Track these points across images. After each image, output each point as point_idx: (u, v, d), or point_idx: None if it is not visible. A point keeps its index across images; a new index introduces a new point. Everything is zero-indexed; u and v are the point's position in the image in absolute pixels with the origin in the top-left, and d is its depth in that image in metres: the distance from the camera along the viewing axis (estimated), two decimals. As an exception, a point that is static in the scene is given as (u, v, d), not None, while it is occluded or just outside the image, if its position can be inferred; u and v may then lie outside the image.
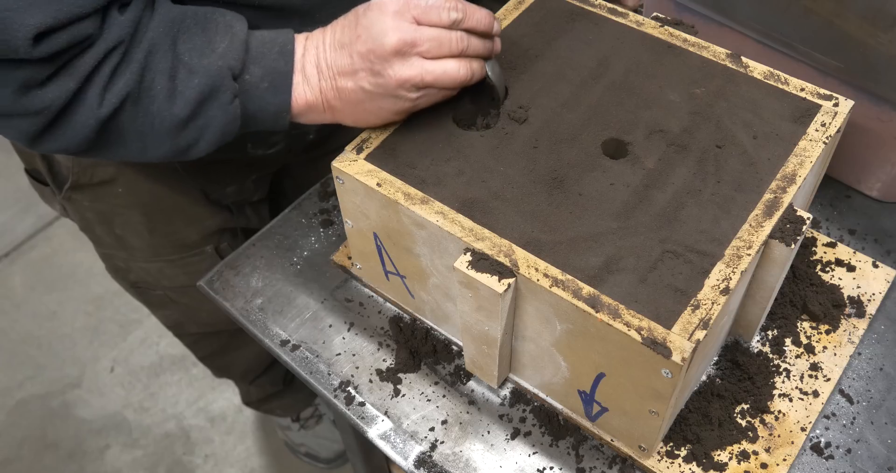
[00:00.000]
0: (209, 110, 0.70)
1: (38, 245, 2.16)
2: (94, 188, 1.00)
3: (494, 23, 0.72)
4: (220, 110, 0.70)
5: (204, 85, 0.68)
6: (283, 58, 0.71)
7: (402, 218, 0.71)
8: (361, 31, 0.69)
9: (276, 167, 1.10)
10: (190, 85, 0.68)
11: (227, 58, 0.69)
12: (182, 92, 0.68)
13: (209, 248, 1.10)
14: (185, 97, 0.68)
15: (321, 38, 0.72)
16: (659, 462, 0.73)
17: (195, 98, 0.69)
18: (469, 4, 0.70)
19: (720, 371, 0.79)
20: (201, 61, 0.68)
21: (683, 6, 0.93)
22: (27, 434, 1.82)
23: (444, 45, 0.69)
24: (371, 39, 0.68)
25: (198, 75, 0.68)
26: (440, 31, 0.68)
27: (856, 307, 0.82)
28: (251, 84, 0.71)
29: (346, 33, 0.70)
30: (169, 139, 0.71)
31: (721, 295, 0.62)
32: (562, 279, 0.63)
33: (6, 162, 2.34)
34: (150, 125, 0.69)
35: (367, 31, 0.68)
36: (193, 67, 0.68)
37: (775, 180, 0.69)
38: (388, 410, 0.80)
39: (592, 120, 0.74)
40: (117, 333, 1.98)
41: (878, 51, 0.78)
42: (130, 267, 1.12)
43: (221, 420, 1.83)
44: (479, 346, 0.74)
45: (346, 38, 0.70)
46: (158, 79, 0.68)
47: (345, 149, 0.74)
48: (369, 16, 0.68)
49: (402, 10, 0.68)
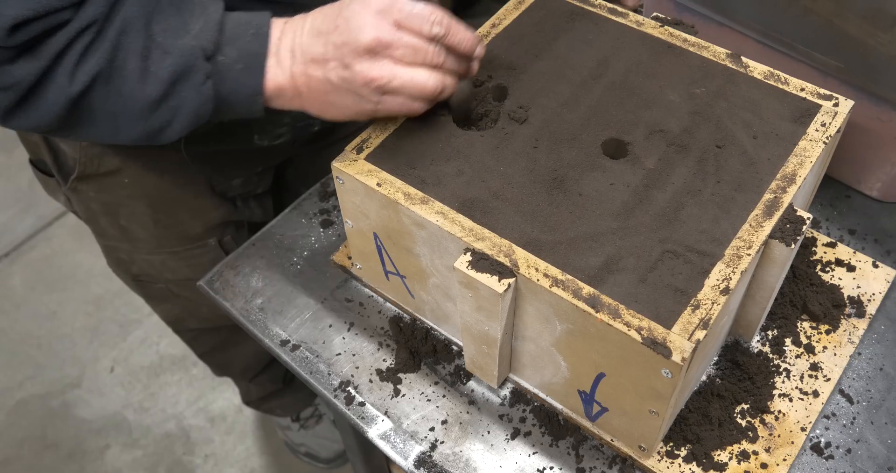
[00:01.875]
0: (181, 91, 0.69)
1: (38, 245, 2.16)
2: (100, 179, 1.00)
3: (478, 46, 0.71)
4: (192, 91, 0.69)
5: (177, 65, 0.68)
6: (258, 40, 0.70)
7: (402, 218, 0.71)
8: (341, 22, 0.68)
9: (281, 159, 1.10)
10: (163, 65, 0.67)
11: (201, 38, 0.68)
12: (154, 72, 0.68)
13: (212, 240, 1.10)
14: (158, 77, 0.68)
15: (301, 23, 0.71)
16: (659, 462, 0.73)
17: (167, 78, 0.68)
18: (455, 23, 0.69)
19: (720, 371, 0.79)
20: (175, 42, 0.68)
21: (683, 6, 0.93)
22: (27, 434, 1.82)
23: (419, 55, 0.68)
24: (348, 32, 0.67)
25: (171, 56, 0.67)
26: (418, 39, 0.68)
27: (856, 307, 0.83)
28: (224, 65, 0.70)
29: (325, 22, 0.69)
30: (141, 120, 0.71)
31: (721, 295, 0.62)
32: (562, 279, 0.63)
33: (6, 162, 2.34)
34: (121, 105, 0.69)
35: (345, 23, 0.67)
36: (167, 48, 0.68)
37: (775, 180, 0.69)
38: (388, 410, 0.80)
39: (592, 120, 0.74)
40: (117, 333, 1.98)
41: (878, 51, 0.78)
42: (133, 259, 1.12)
43: (221, 420, 1.83)
44: (479, 346, 0.74)
45: (325, 27, 0.69)
46: (130, 58, 0.67)
47: (345, 149, 0.74)
48: (352, 8, 0.68)
49: (386, 10, 0.67)
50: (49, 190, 1.11)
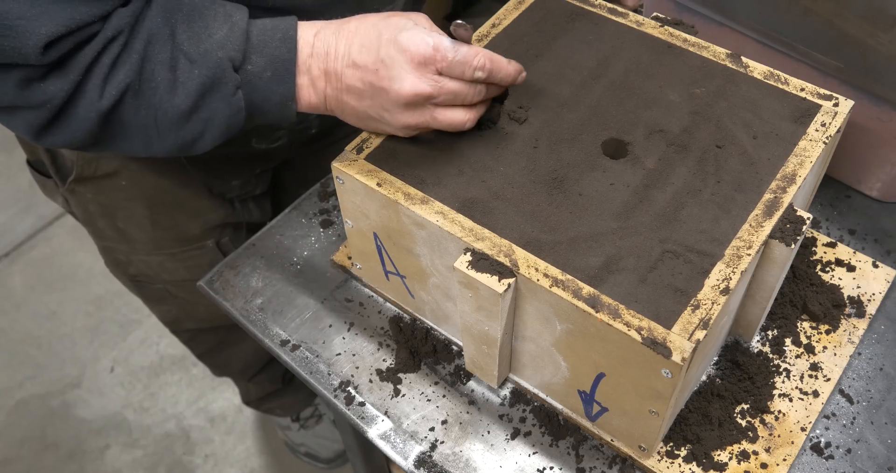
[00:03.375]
0: (212, 102, 0.69)
1: (38, 245, 2.16)
2: (98, 181, 1.00)
3: (521, 74, 0.72)
4: (223, 102, 0.69)
5: (204, 76, 0.67)
6: (286, 44, 0.69)
7: (402, 218, 0.71)
8: (380, 65, 0.67)
9: (278, 161, 1.10)
10: (191, 76, 0.67)
11: (228, 48, 0.67)
12: (183, 83, 0.67)
13: (210, 242, 1.10)
14: (187, 88, 0.67)
15: (334, 44, 0.70)
16: (659, 462, 0.73)
17: (196, 90, 0.68)
18: (497, 60, 0.69)
19: (720, 371, 0.79)
20: (199, 48, 0.67)
21: (683, 6, 0.93)
22: (27, 434, 1.82)
23: (460, 98, 0.68)
24: (388, 79, 0.67)
25: (197, 66, 0.67)
26: (460, 84, 0.67)
27: (856, 307, 0.83)
28: (254, 74, 0.69)
29: (363, 55, 0.68)
30: (173, 132, 0.70)
31: (721, 295, 0.62)
32: (562, 279, 0.63)
33: (6, 162, 2.34)
34: (152, 118, 0.69)
35: (385, 69, 0.67)
36: (192, 56, 0.67)
37: (775, 180, 0.69)
38: (388, 410, 0.80)
39: (592, 120, 0.74)
40: (117, 333, 1.98)
41: (878, 51, 0.78)
42: (131, 260, 1.12)
43: (221, 420, 1.83)
44: (479, 346, 0.74)
45: (363, 61, 0.68)
46: (159, 69, 0.67)
47: (345, 149, 0.74)
48: (391, 53, 0.67)
49: (428, 60, 0.66)
50: (47, 191, 1.11)
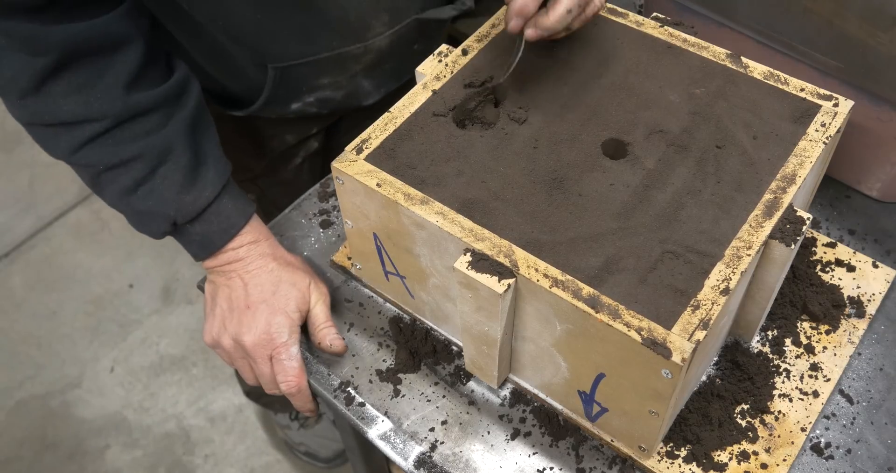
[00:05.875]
0: (132, 204, 0.79)
1: (38, 245, 2.16)
2: None
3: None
4: (151, 225, 0.81)
5: (150, 209, 0.78)
6: (222, 236, 0.81)
7: (402, 218, 0.71)
8: (247, 315, 0.81)
9: (329, 122, 1.12)
10: (142, 202, 0.78)
11: (181, 214, 0.78)
12: (135, 198, 0.78)
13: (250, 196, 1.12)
14: (132, 199, 0.79)
15: (245, 267, 0.82)
16: (659, 462, 0.73)
17: (137, 208, 0.79)
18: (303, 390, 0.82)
19: (720, 372, 0.79)
20: (163, 195, 0.77)
21: (683, 6, 0.93)
22: (27, 434, 1.82)
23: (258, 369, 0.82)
24: (239, 325, 0.81)
25: (152, 200, 0.78)
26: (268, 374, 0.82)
27: (856, 307, 0.82)
28: (185, 229, 0.80)
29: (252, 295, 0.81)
30: None
31: (721, 295, 0.62)
32: (562, 280, 0.63)
33: (6, 162, 2.34)
34: None
35: (251, 316, 0.81)
36: (156, 193, 0.78)
37: (775, 181, 0.69)
38: (388, 410, 0.80)
39: (592, 120, 0.74)
40: (117, 333, 1.98)
41: (878, 51, 0.78)
42: None
43: (221, 420, 1.83)
44: (479, 346, 0.74)
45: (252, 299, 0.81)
46: (128, 174, 0.77)
47: (345, 149, 0.74)
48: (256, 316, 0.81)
49: (268, 347, 0.81)
50: None
